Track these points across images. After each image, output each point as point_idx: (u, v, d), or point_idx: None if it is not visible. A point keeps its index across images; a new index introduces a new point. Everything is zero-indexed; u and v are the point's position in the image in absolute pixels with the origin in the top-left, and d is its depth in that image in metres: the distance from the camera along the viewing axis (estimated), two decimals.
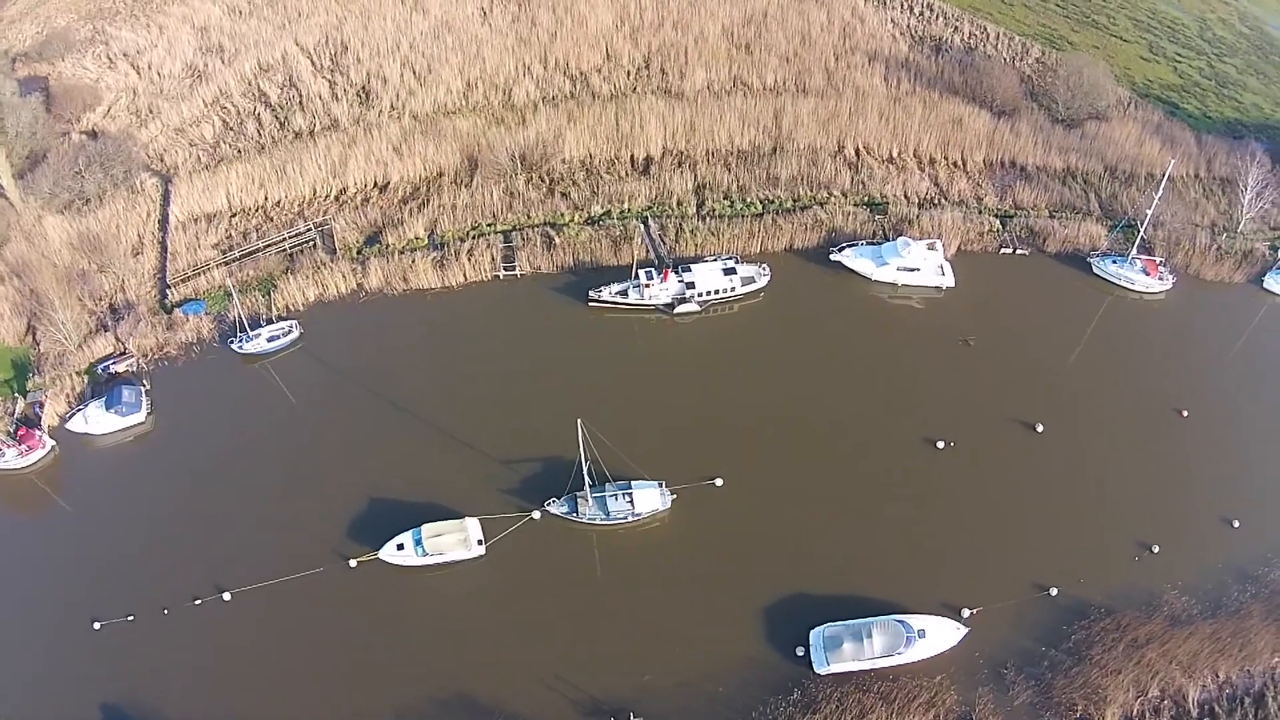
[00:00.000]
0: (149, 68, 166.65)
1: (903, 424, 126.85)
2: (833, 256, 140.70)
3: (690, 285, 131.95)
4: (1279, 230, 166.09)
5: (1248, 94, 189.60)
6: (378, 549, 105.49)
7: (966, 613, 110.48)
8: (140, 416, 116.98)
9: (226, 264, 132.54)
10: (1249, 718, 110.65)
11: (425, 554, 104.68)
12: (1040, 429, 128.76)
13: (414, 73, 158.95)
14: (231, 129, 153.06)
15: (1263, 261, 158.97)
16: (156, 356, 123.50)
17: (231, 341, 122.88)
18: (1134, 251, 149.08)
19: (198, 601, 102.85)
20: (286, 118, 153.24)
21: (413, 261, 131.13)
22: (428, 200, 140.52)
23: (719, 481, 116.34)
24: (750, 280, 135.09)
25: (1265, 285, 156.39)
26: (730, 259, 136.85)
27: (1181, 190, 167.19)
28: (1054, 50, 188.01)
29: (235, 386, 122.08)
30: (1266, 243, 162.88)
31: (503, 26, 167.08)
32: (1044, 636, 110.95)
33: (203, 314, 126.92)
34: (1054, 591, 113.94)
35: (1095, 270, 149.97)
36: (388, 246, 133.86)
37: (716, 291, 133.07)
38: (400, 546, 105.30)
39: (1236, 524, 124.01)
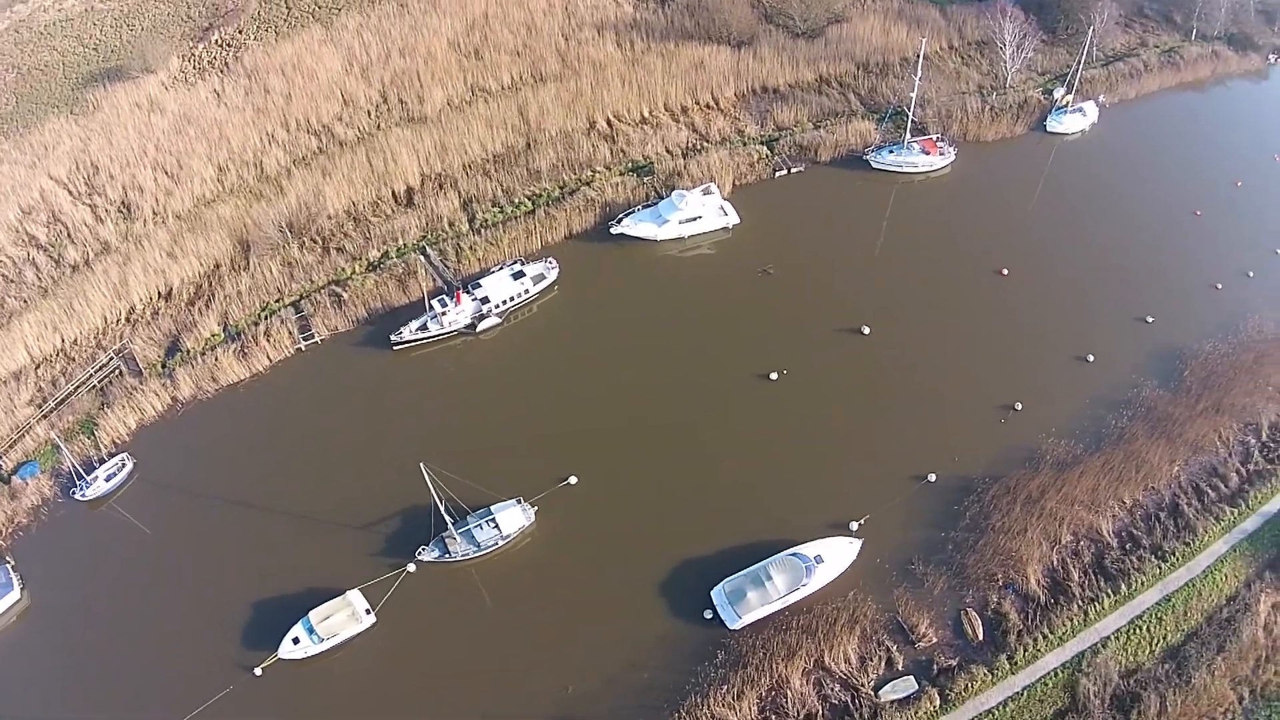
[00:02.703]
0: None
1: (731, 367, 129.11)
2: (613, 230, 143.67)
3: (485, 300, 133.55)
4: (1048, 74, 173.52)
5: None
6: (276, 649, 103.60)
7: (855, 525, 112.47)
8: (16, 595, 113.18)
9: (45, 417, 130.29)
10: (1170, 530, 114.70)
11: (321, 640, 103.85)
12: (867, 331, 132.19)
13: (166, 173, 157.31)
14: (11, 281, 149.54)
15: (1039, 108, 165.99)
16: (10, 530, 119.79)
17: (73, 492, 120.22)
18: (908, 136, 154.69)
19: None
20: (60, 255, 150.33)
21: (216, 359, 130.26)
22: (213, 294, 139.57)
23: (573, 480, 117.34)
24: (541, 277, 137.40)
25: (1048, 128, 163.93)
26: (515, 262, 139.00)
27: (940, 65, 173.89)
28: None
29: (91, 536, 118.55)
30: (1039, 89, 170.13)
31: (238, 102, 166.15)
32: (939, 522, 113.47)
33: (39, 474, 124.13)
34: (933, 477, 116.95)
35: (875, 165, 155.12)
36: (189, 352, 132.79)
37: (512, 298, 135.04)
38: (296, 640, 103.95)
39: (1091, 358, 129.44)
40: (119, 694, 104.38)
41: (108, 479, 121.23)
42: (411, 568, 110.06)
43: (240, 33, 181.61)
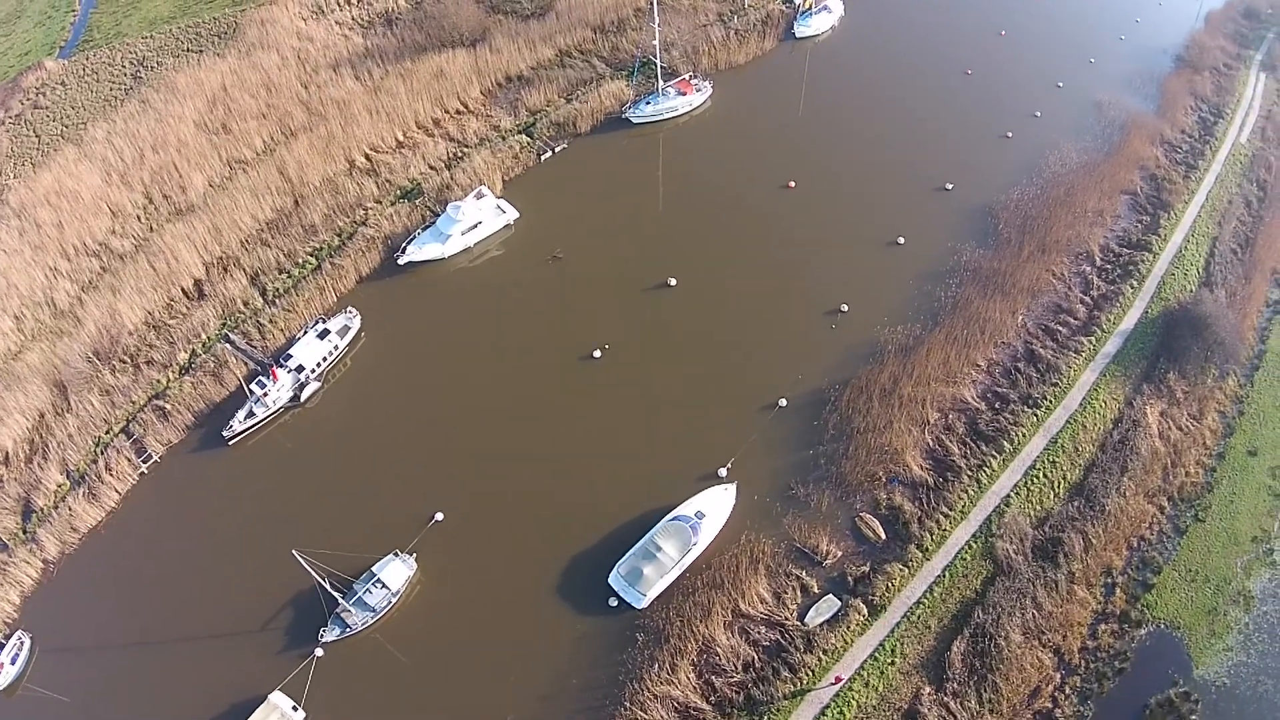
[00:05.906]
0: None
1: (554, 358, 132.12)
2: (401, 261, 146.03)
3: (300, 368, 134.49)
4: None
5: None
6: None
7: (724, 471, 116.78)
8: None
9: None
10: (1033, 377, 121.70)
11: None
12: (674, 282, 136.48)
13: None
14: None
15: (784, 17, 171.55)
16: None
17: None
18: (660, 84, 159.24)
19: None
20: None
21: (70, 509, 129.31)
22: (46, 444, 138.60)
23: (440, 516, 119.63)
24: (346, 329, 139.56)
25: (797, 35, 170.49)
26: (318, 322, 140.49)
27: (675, 5, 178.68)
28: None
29: None
30: (777, 1, 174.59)
31: (14, 244, 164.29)
32: (804, 441, 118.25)
33: None
34: (784, 402, 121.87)
35: (636, 120, 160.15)
36: (44, 510, 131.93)
37: (325, 358, 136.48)
38: None
39: (901, 240, 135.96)
40: None
41: (13, 662, 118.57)
42: (319, 652, 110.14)
43: None
